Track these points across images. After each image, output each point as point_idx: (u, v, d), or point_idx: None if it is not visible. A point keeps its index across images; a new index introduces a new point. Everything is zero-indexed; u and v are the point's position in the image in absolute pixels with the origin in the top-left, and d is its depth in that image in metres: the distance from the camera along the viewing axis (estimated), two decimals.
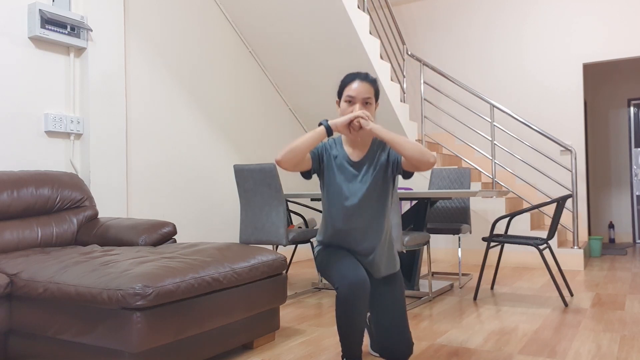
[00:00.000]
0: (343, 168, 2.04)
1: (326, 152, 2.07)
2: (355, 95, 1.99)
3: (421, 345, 2.48)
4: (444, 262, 5.31)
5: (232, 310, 2.23)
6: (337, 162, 2.05)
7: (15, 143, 3.09)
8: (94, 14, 3.46)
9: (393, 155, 2.03)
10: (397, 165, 2.02)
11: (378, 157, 2.05)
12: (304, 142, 1.90)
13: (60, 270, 2.07)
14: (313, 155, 2.03)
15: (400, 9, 6.94)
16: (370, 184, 2.02)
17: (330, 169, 2.05)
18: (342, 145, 2.08)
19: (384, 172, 2.05)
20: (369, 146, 2.07)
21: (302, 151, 1.90)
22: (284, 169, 1.90)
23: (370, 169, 2.03)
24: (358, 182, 2.02)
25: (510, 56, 6.24)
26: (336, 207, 2.04)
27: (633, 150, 7.10)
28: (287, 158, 1.88)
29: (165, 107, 4.11)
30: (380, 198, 2.04)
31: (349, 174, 2.03)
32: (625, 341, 2.51)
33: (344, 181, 2.03)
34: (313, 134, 1.92)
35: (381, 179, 2.04)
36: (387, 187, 2.06)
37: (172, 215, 4.13)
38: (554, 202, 3.34)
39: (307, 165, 2.01)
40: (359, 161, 2.04)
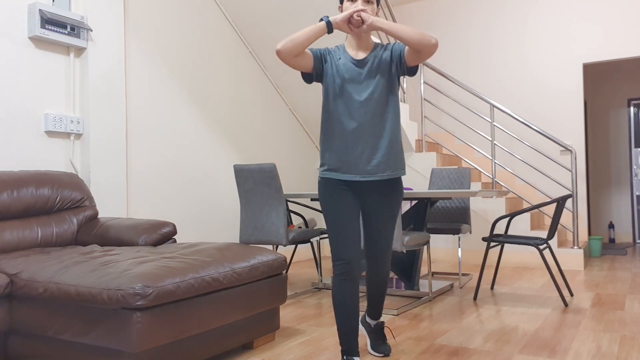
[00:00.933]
0: (347, 67, 2.08)
1: (329, 53, 2.12)
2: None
3: (421, 345, 2.48)
4: (444, 262, 5.31)
5: (232, 310, 2.23)
6: (341, 62, 2.08)
7: (15, 143, 3.09)
8: (94, 14, 3.46)
9: (396, 51, 2.07)
10: (400, 58, 2.06)
11: (381, 55, 2.10)
12: (304, 34, 1.93)
13: (60, 270, 2.07)
14: (315, 55, 2.07)
15: (400, 9, 6.94)
16: (375, 79, 2.07)
17: (335, 68, 2.08)
18: (344, 50, 2.12)
19: (388, 68, 2.09)
20: (371, 48, 2.11)
21: (301, 42, 1.93)
22: (283, 59, 1.94)
23: (374, 66, 2.07)
24: (363, 78, 2.06)
25: (511, 56, 6.24)
26: (341, 107, 2.06)
27: (633, 150, 7.10)
28: (287, 47, 1.91)
29: (165, 107, 4.11)
30: (384, 93, 2.08)
31: (353, 72, 2.07)
32: (625, 341, 2.51)
33: (348, 79, 2.06)
34: (313, 27, 1.96)
35: (386, 75, 2.08)
36: (393, 86, 2.11)
37: (172, 215, 4.14)
38: (554, 202, 3.34)
39: (308, 64, 2.05)
40: (362, 60, 2.08)
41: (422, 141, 5.56)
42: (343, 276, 2.05)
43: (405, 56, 2.04)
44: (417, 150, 5.58)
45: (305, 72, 2.08)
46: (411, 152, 5.47)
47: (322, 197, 2.13)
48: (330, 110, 2.09)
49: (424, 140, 5.54)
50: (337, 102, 2.06)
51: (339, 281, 2.07)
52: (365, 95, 2.04)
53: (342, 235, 2.06)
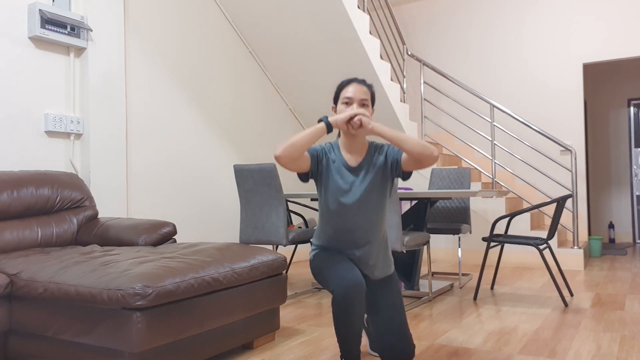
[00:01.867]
0: (341, 172, 2.05)
1: (325, 155, 2.07)
2: (353, 96, 2.01)
3: (421, 345, 2.48)
4: (444, 262, 5.31)
5: (232, 310, 2.23)
6: (335, 165, 2.06)
7: (15, 143, 3.09)
8: (94, 14, 3.46)
9: (391, 156, 2.04)
10: (397, 165, 2.02)
11: (375, 160, 2.06)
12: (304, 137, 1.89)
13: (60, 270, 2.07)
14: (312, 156, 2.03)
15: (400, 9, 6.94)
16: (368, 186, 2.03)
17: (329, 171, 2.05)
18: (339, 150, 2.09)
19: (382, 174, 2.05)
20: (366, 151, 2.08)
21: (301, 146, 1.89)
22: (283, 165, 1.89)
23: (368, 173, 2.04)
24: (356, 186, 2.03)
25: (510, 56, 6.24)
26: (334, 209, 2.04)
27: (633, 150, 7.10)
28: (287, 153, 1.87)
29: (165, 107, 4.11)
30: (378, 200, 2.05)
31: (347, 178, 2.04)
32: (625, 341, 2.52)
33: (342, 185, 2.03)
34: (313, 129, 1.92)
35: (379, 181, 2.05)
36: (385, 189, 2.07)
37: (172, 215, 4.13)
38: (554, 202, 3.34)
39: (306, 165, 2.00)
40: (357, 166, 2.05)
41: None
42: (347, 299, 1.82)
43: (402, 162, 2.00)
44: None
45: (302, 172, 2.04)
46: None
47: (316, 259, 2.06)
48: (325, 207, 2.07)
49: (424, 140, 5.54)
50: (331, 203, 2.04)
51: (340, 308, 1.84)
52: (358, 202, 2.02)
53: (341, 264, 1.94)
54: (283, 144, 1.87)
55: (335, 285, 1.85)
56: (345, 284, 1.83)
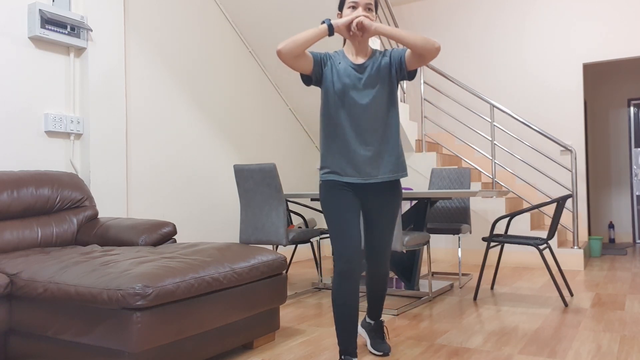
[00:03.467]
0: (348, 71, 2.10)
1: (329, 58, 2.15)
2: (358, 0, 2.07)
3: (421, 345, 2.48)
4: (444, 262, 5.31)
5: (232, 310, 2.23)
6: (340, 66, 2.12)
7: (15, 143, 3.09)
8: (94, 14, 3.46)
9: (395, 56, 2.12)
10: (401, 63, 2.10)
11: (380, 60, 2.13)
12: (306, 35, 1.97)
13: (60, 270, 2.07)
14: (315, 58, 2.10)
15: (400, 9, 6.94)
16: (375, 83, 2.10)
17: (335, 72, 2.11)
18: (344, 55, 2.15)
19: (388, 73, 2.12)
20: (370, 53, 2.15)
21: (301, 44, 1.96)
22: (283, 60, 1.97)
23: (373, 70, 2.11)
24: (362, 82, 2.10)
25: (510, 56, 6.24)
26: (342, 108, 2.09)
27: (633, 150, 7.10)
28: (288, 48, 1.95)
29: (165, 107, 4.11)
30: (386, 98, 2.12)
31: (353, 76, 2.10)
32: (625, 341, 2.51)
33: (349, 83, 2.10)
34: (315, 29, 2.00)
35: (386, 80, 2.12)
36: (392, 89, 2.15)
37: (172, 215, 4.14)
38: (554, 202, 3.34)
39: (307, 66, 2.07)
40: (362, 64, 2.12)
41: (422, 141, 5.56)
42: (344, 274, 2.06)
43: (407, 60, 2.08)
44: (417, 150, 5.57)
45: (305, 74, 2.11)
46: (411, 152, 5.47)
47: (324, 199, 2.15)
48: (330, 115, 2.12)
49: (424, 140, 5.54)
50: (338, 106, 2.10)
51: (339, 280, 2.07)
52: (366, 100, 2.08)
53: (343, 235, 2.08)
54: (285, 40, 1.97)
55: (336, 259, 2.08)
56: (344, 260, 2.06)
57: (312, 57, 2.09)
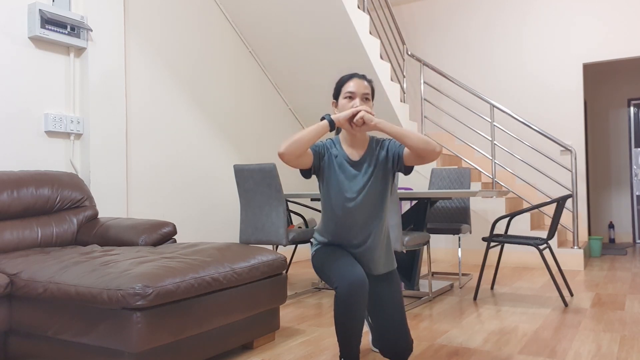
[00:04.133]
0: (343, 167, 2.06)
1: (327, 150, 2.09)
2: (355, 90, 2.03)
3: (421, 345, 2.48)
4: (444, 262, 5.31)
5: (232, 310, 2.23)
6: (337, 160, 2.07)
7: (15, 143, 3.09)
8: (94, 14, 3.46)
9: (393, 150, 2.06)
10: (399, 159, 2.04)
11: (377, 154, 2.07)
12: (307, 135, 1.91)
13: (60, 270, 2.07)
14: (314, 152, 2.04)
15: (400, 9, 6.94)
16: (370, 180, 2.04)
17: (331, 166, 2.07)
18: (340, 145, 2.10)
19: (384, 168, 2.07)
20: (367, 145, 2.09)
21: (304, 144, 1.90)
22: (286, 161, 1.91)
23: (370, 167, 2.05)
24: (358, 180, 2.04)
25: (510, 56, 6.24)
26: (337, 204, 2.05)
27: (633, 150, 7.10)
28: (290, 150, 1.88)
29: (165, 107, 4.11)
30: (380, 194, 2.07)
31: (349, 173, 2.05)
32: (625, 341, 2.51)
33: (344, 179, 2.05)
34: (316, 127, 1.93)
35: (381, 175, 2.06)
36: (387, 184, 2.09)
37: (172, 215, 4.13)
38: (554, 202, 3.34)
39: (308, 162, 2.02)
40: (359, 160, 2.06)
41: None
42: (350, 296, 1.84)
43: (404, 157, 2.02)
44: None
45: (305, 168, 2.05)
46: None
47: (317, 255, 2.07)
48: (326, 202, 2.08)
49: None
50: (334, 198, 2.05)
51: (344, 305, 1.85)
52: (359, 197, 2.03)
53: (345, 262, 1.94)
54: (286, 141, 1.89)
55: (339, 282, 1.86)
56: (348, 281, 1.84)
57: (312, 152, 2.03)
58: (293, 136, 1.90)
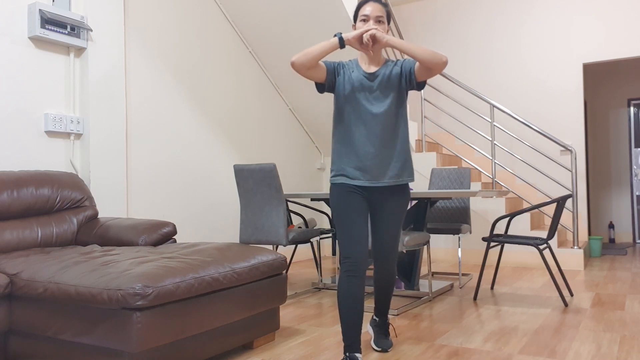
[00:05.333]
0: (360, 79, 2.19)
1: (343, 67, 2.24)
2: (369, 13, 2.16)
3: (421, 345, 2.48)
4: (444, 262, 5.31)
5: (232, 310, 2.23)
6: (353, 75, 2.20)
7: (15, 143, 3.09)
8: (94, 14, 3.46)
9: (406, 67, 2.20)
10: (410, 74, 2.19)
11: (391, 69, 2.22)
12: (318, 48, 2.06)
13: (60, 270, 2.07)
14: (329, 68, 2.20)
15: (400, 9, 6.94)
16: (386, 91, 2.19)
17: (348, 80, 2.20)
18: (357, 65, 2.24)
19: (398, 82, 2.21)
20: (383, 63, 2.24)
21: (314, 57, 2.05)
22: (297, 70, 2.07)
23: (384, 79, 2.20)
24: (374, 90, 2.19)
25: (510, 56, 6.24)
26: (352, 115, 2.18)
27: (633, 150, 7.10)
28: (300, 61, 2.04)
29: (165, 107, 4.11)
30: (396, 106, 2.21)
31: (365, 85, 2.19)
32: (625, 341, 2.52)
33: (360, 91, 2.18)
34: (326, 42, 2.08)
35: (396, 88, 2.20)
36: (402, 97, 2.23)
37: (172, 215, 4.14)
38: (554, 202, 3.34)
39: (321, 76, 2.16)
40: (374, 73, 2.20)
41: (422, 141, 5.56)
42: (350, 273, 2.12)
43: (416, 72, 2.17)
44: (417, 150, 5.58)
45: (319, 82, 2.20)
46: (411, 152, 5.47)
47: (333, 201, 2.23)
48: (342, 120, 2.21)
49: (424, 140, 5.55)
50: (350, 112, 2.19)
51: (345, 278, 2.13)
52: (377, 107, 2.17)
53: (350, 235, 2.15)
54: (299, 52, 2.07)
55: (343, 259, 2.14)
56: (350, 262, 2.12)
57: (326, 67, 2.18)
58: (305, 49, 2.07)
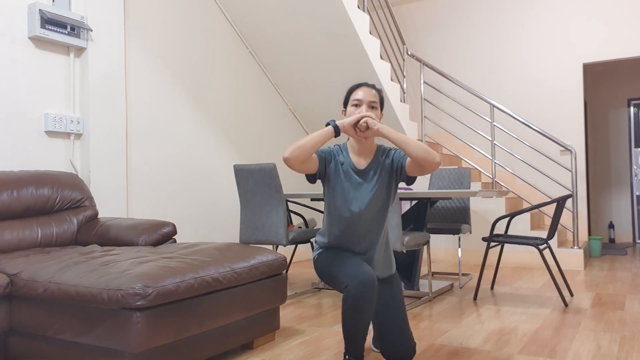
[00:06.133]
0: (349, 175, 2.09)
1: (333, 157, 2.12)
2: (362, 98, 2.07)
3: (421, 345, 2.48)
4: (444, 262, 5.31)
5: (232, 310, 2.23)
6: (343, 168, 2.10)
7: (15, 143, 3.09)
8: (94, 14, 3.46)
9: (397, 161, 2.09)
10: (401, 169, 2.07)
11: (382, 163, 2.11)
12: (312, 140, 1.93)
13: (60, 270, 2.07)
14: (320, 158, 2.07)
15: (400, 9, 6.94)
16: (375, 191, 2.08)
17: (337, 174, 2.10)
18: (347, 153, 2.13)
19: (388, 178, 2.11)
20: (374, 154, 2.13)
21: (309, 149, 1.93)
22: (291, 166, 1.92)
23: (375, 177, 2.09)
24: (363, 189, 2.08)
25: (511, 56, 6.24)
26: (341, 211, 2.08)
27: (633, 150, 7.10)
28: (295, 155, 1.90)
29: (165, 107, 4.11)
30: (384, 202, 2.11)
31: (354, 181, 2.08)
32: (625, 341, 2.52)
33: (349, 188, 2.08)
34: (321, 132, 1.96)
35: (386, 184, 2.10)
36: (390, 192, 2.13)
37: (172, 215, 4.13)
38: (554, 202, 3.34)
39: (314, 167, 2.04)
40: (364, 169, 2.10)
41: (422, 141, 5.56)
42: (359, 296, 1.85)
43: (407, 167, 2.05)
44: None
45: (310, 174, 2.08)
46: None
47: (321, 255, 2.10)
48: (332, 208, 2.11)
49: (424, 140, 5.55)
50: (338, 205, 2.09)
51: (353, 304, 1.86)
52: (363, 206, 2.07)
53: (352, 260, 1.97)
54: (291, 146, 1.91)
55: (349, 281, 1.88)
56: (358, 279, 1.86)
57: (318, 158, 2.06)
58: (298, 141, 1.93)
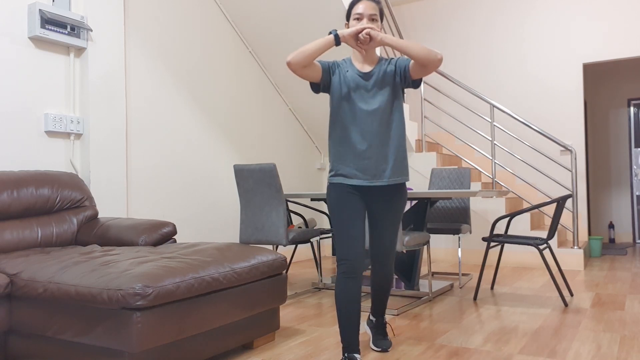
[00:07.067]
0: (354, 79, 2.19)
1: (337, 67, 2.23)
2: (363, 12, 2.16)
3: (421, 345, 2.48)
4: (444, 262, 5.31)
5: (232, 310, 2.23)
6: (348, 74, 2.20)
7: (15, 143, 3.09)
8: (94, 14, 3.46)
9: (400, 65, 2.20)
10: (405, 72, 2.19)
11: (386, 68, 2.21)
12: (312, 46, 2.05)
13: (60, 270, 2.07)
14: (324, 67, 2.19)
15: (400, 9, 6.94)
16: (380, 90, 2.18)
17: (341, 79, 2.20)
18: (351, 63, 2.24)
19: (393, 80, 2.21)
20: (377, 62, 2.24)
21: (309, 55, 2.04)
22: (293, 70, 2.06)
23: (379, 77, 2.19)
24: (369, 89, 2.18)
25: (511, 56, 6.24)
26: (349, 114, 2.17)
27: (633, 150, 7.10)
28: (297, 60, 2.03)
29: (165, 107, 4.11)
30: (391, 104, 2.20)
31: (360, 84, 2.19)
32: (625, 341, 2.52)
33: (355, 90, 2.18)
34: (322, 40, 2.07)
35: (390, 86, 2.20)
36: (397, 95, 2.22)
37: (172, 215, 4.13)
38: (554, 202, 3.34)
39: (316, 75, 2.16)
40: (368, 72, 2.20)
41: (422, 141, 5.56)
42: (346, 274, 2.13)
43: (410, 70, 2.17)
44: (417, 150, 5.58)
45: (314, 82, 2.20)
46: (411, 152, 5.47)
47: (331, 201, 2.23)
48: (338, 120, 2.20)
49: (424, 140, 5.54)
50: (345, 112, 2.18)
51: (342, 279, 2.14)
52: (371, 106, 2.16)
53: (347, 236, 2.15)
54: (294, 51, 2.05)
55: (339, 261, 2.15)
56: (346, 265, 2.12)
57: (321, 66, 2.18)
58: (300, 48, 2.05)
